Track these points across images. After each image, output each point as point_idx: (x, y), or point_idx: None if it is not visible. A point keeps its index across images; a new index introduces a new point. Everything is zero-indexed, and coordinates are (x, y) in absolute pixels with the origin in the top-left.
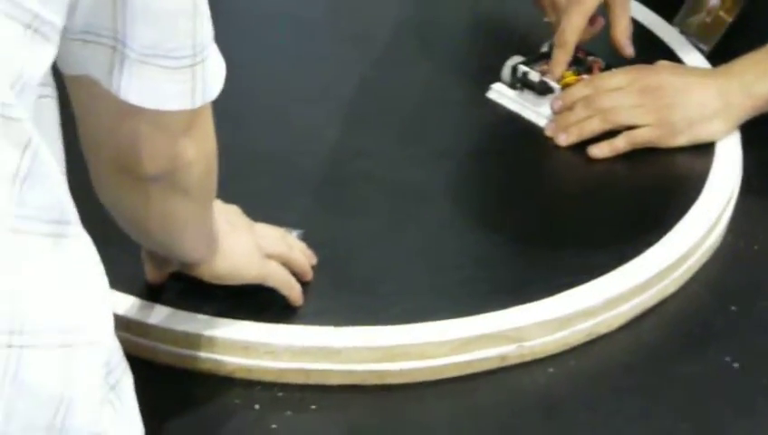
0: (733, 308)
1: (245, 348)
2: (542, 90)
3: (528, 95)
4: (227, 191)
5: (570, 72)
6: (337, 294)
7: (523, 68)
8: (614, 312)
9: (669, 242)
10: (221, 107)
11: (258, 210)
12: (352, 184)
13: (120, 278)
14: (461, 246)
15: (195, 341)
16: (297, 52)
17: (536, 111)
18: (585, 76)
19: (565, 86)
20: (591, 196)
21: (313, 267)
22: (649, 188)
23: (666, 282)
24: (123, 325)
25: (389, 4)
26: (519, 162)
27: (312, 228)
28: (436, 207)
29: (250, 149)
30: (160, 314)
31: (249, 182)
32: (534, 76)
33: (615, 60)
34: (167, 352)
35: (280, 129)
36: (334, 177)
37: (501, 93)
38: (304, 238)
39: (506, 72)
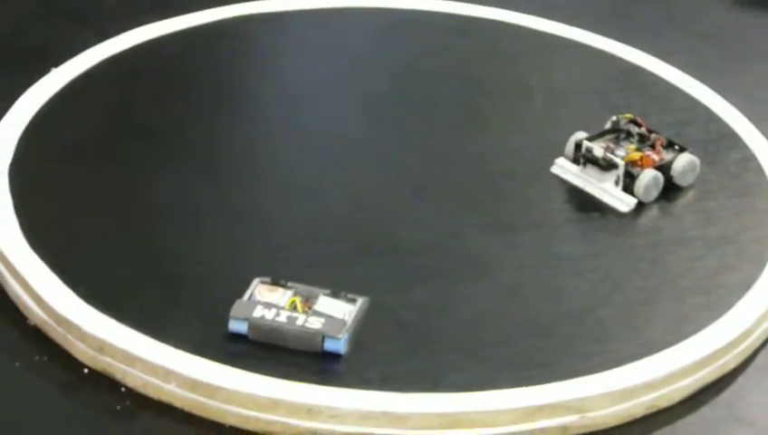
0: None
1: (310, 411)
2: (606, 165)
3: (591, 170)
4: (293, 257)
5: (633, 147)
6: (402, 361)
7: (587, 144)
8: (675, 386)
9: (730, 319)
10: (287, 176)
11: (321, 277)
12: (414, 252)
13: (188, 340)
14: (525, 316)
15: (261, 403)
16: (358, 119)
17: (600, 187)
18: (648, 152)
19: (629, 162)
20: (654, 270)
21: (378, 334)
22: (712, 264)
23: (726, 358)
24: (190, 386)
25: (451, 76)
26: (582, 235)
27: (376, 296)
28: (499, 277)
29: (312, 216)
30: (227, 376)
31: (312, 248)
32: (598, 152)
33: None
34: (233, 413)
35: (341, 195)
36: (395, 244)
37: (564, 168)
38: (368, 306)
39: (570, 147)
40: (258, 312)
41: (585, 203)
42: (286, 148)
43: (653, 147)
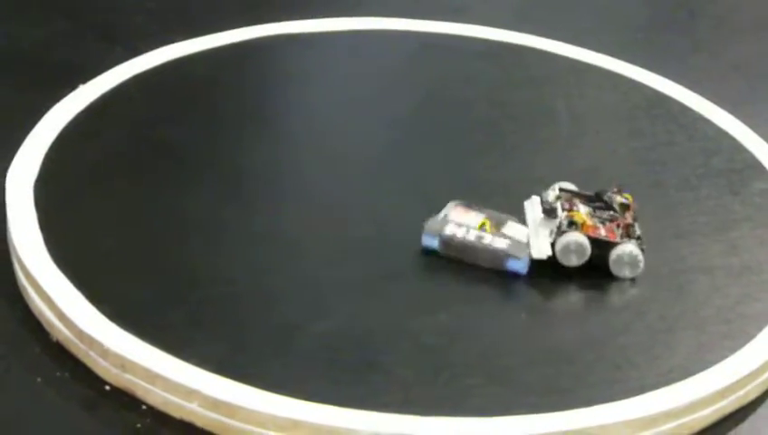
0: None
1: (330, 433)
2: (549, 210)
3: (542, 216)
4: (317, 279)
5: (588, 212)
6: (423, 384)
7: (548, 192)
8: (695, 416)
9: (752, 349)
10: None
11: (346, 300)
12: (438, 276)
13: (210, 360)
14: (547, 342)
15: (282, 424)
16: (384, 142)
17: (535, 229)
18: (599, 224)
19: (570, 219)
20: (676, 298)
21: (400, 357)
22: (734, 293)
23: (747, 389)
24: (212, 406)
25: (477, 101)
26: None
27: (398, 319)
28: (522, 302)
29: (337, 238)
30: (248, 396)
31: (335, 271)
32: (549, 197)
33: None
34: (254, 433)
35: (365, 218)
36: (419, 268)
37: (531, 205)
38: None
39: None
40: (450, 229)
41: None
42: (312, 169)
43: (612, 222)
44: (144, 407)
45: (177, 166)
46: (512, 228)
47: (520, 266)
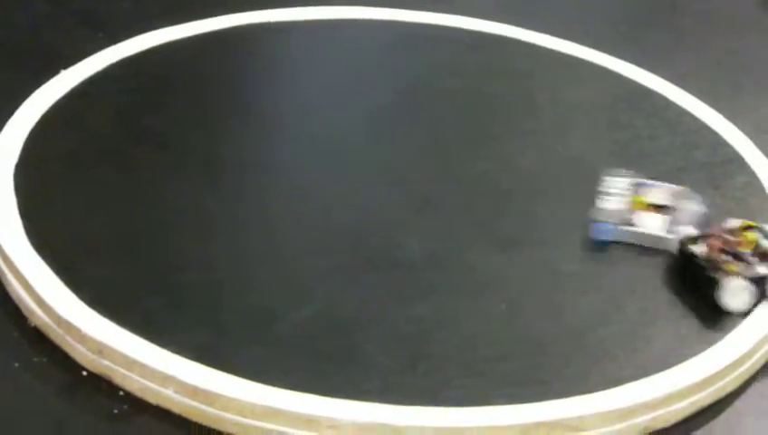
0: None
1: (309, 421)
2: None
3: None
4: (296, 267)
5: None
6: (401, 374)
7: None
8: (671, 408)
9: (729, 343)
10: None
11: (326, 288)
12: (417, 266)
13: (188, 346)
14: (525, 333)
15: (260, 412)
16: (366, 131)
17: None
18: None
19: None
20: (656, 292)
21: (379, 347)
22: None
23: (723, 382)
24: (189, 393)
25: (461, 91)
26: (586, 254)
27: (377, 309)
28: (501, 293)
29: (317, 227)
30: (226, 384)
31: (315, 259)
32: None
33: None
34: (232, 421)
35: (346, 207)
36: (399, 257)
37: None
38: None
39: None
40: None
41: (589, 222)
42: (293, 157)
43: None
44: (121, 393)
45: (159, 152)
46: None
47: None
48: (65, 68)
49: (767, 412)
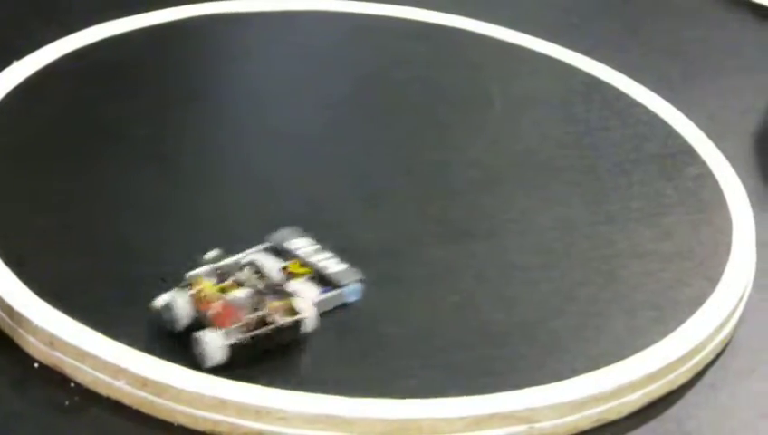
0: None
1: (258, 413)
2: None
3: None
4: None
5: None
6: (352, 365)
7: None
8: (623, 400)
9: (681, 334)
10: (246, 176)
11: None
12: (369, 257)
13: (139, 338)
14: (478, 325)
15: (209, 403)
16: (318, 122)
17: None
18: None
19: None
20: (608, 283)
21: (330, 338)
22: (666, 279)
23: (675, 374)
24: (140, 384)
25: (412, 82)
26: (537, 246)
27: None
28: (454, 285)
29: (268, 218)
30: (176, 375)
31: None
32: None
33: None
34: (182, 412)
35: (298, 198)
36: (350, 249)
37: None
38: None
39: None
40: None
41: (543, 214)
42: (246, 148)
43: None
44: (72, 385)
45: (112, 144)
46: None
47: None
48: (17, 59)
49: (718, 405)
